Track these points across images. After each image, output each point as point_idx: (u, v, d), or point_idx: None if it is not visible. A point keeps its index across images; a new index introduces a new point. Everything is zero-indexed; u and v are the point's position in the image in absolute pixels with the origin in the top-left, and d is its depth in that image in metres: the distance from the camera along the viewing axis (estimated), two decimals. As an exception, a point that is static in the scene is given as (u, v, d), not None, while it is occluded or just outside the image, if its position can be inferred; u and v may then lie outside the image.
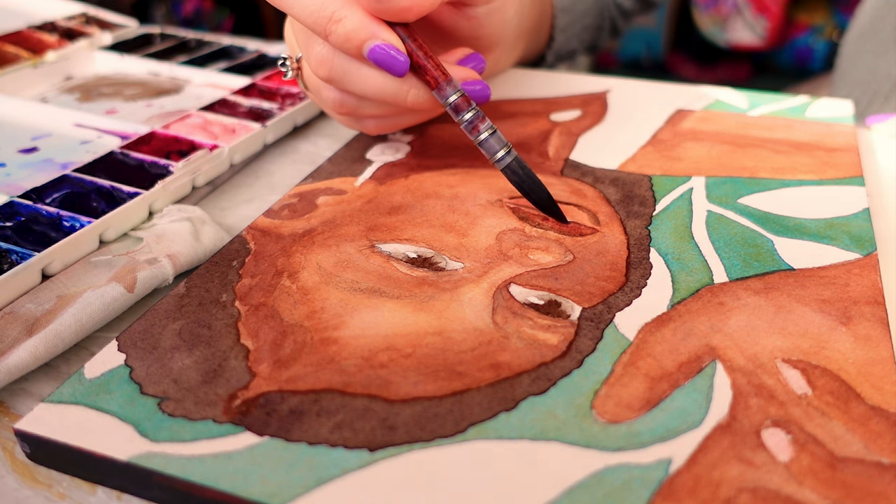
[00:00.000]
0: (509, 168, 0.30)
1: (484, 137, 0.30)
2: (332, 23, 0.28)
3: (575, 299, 0.25)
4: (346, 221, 0.30)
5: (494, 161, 0.30)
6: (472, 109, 0.30)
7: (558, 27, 0.50)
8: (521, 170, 0.30)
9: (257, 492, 0.19)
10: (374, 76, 0.30)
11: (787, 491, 0.18)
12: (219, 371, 0.22)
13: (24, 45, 0.48)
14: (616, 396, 0.21)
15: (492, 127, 0.30)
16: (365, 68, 0.30)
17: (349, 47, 0.29)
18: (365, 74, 0.30)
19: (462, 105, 0.30)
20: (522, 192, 0.30)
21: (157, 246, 0.29)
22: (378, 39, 0.29)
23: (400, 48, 0.29)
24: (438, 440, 0.20)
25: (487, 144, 0.30)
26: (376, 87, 0.31)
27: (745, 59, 1.64)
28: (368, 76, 0.30)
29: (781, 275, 0.26)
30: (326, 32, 0.29)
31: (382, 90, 0.31)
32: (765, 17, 1.51)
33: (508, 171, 0.30)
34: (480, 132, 0.30)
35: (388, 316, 0.25)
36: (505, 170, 0.30)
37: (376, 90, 0.31)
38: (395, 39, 0.29)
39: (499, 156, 0.30)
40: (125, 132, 0.38)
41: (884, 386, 0.21)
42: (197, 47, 0.51)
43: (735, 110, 0.40)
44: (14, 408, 0.24)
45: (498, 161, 0.30)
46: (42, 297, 0.27)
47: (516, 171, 0.30)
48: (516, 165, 0.30)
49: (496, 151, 0.30)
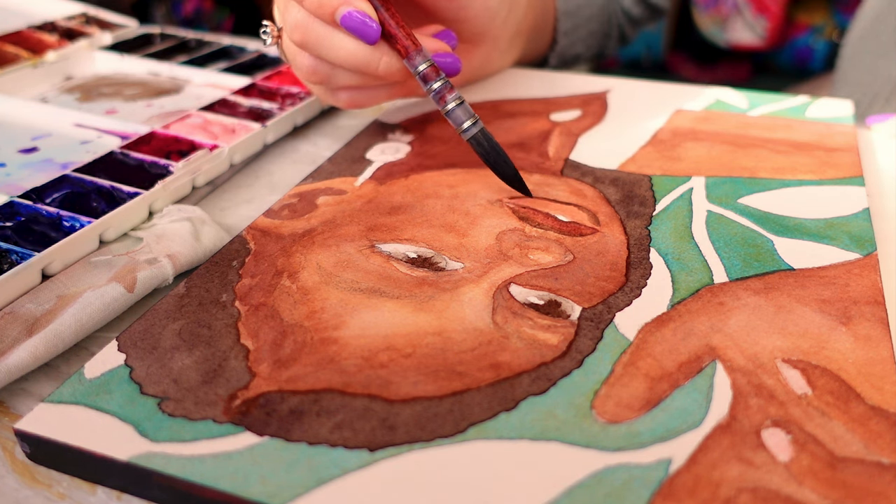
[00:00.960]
0: (475, 139, 0.31)
1: (451, 107, 0.31)
2: None
3: (575, 299, 0.25)
4: (346, 221, 0.30)
5: (461, 131, 0.31)
6: (441, 79, 0.31)
7: (561, 31, 0.50)
8: (487, 142, 0.31)
9: (257, 492, 0.19)
10: (346, 42, 0.31)
11: (787, 491, 0.18)
12: (219, 371, 0.22)
13: (24, 45, 0.48)
14: (616, 396, 0.21)
15: (459, 98, 0.31)
16: (338, 35, 0.31)
17: (322, 13, 0.30)
18: (338, 41, 0.31)
19: (430, 75, 0.31)
20: (488, 164, 0.31)
21: (157, 246, 0.29)
22: (350, 6, 0.30)
23: (372, 15, 0.30)
24: (438, 440, 0.20)
25: (454, 115, 0.31)
26: (348, 53, 0.31)
27: (745, 59, 1.64)
28: (341, 42, 0.31)
29: (781, 275, 0.26)
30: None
31: (354, 57, 0.31)
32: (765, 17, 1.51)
33: (474, 142, 0.31)
34: (447, 102, 0.31)
35: (388, 316, 0.25)
36: (471, 140, 0.31)
37: (348, 57, 0.31)
38: (367, 7, 0.30)
39: (465, 126, 0.31)
40: (125, 132, 0.38)
41: (884, 386, 0.21)
42: (197, 47, 0.51)
43: (735, 110, 0.40)
44: (14, 408, 0.24)
45: (464, 132, 0.31)
46: (42, 298, 0.27)
47: (482, 142, 0.31)
48: (482, 137, 0.31)
49: (462, 122, 0.31)
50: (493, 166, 0.31)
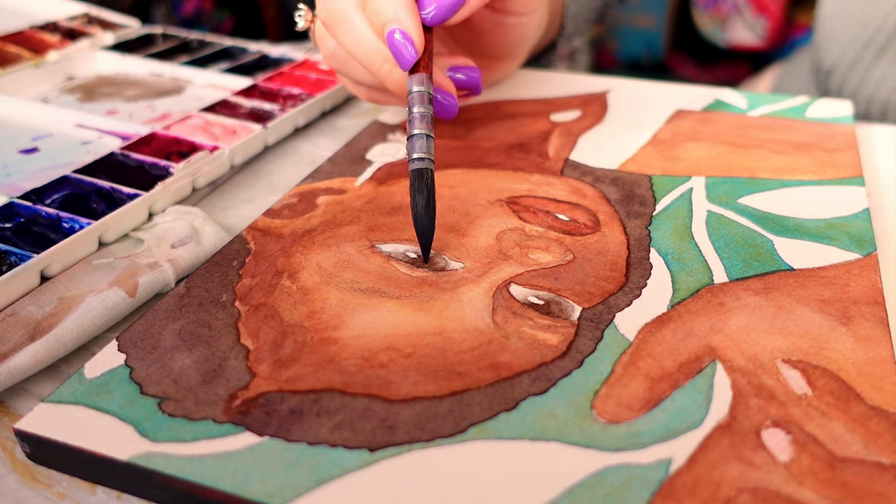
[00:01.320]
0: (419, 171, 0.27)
1: (417, 133, 0.28)
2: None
3: (575, 299, 0.25)
4: (346, 221, 0.30)
5: (410, 159, 0.28)
6: (426, 108, 0.28)
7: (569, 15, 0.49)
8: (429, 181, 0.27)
9: (257, 492, 0.19)
10: (365, 35, 0.31)
11: (787, 491, 0.18)
12: (219, 371, 0.23)
13: (25, 45, 0.48)
14: (616, 397, 0.21)
15: (431, 132, 0.28)
16: (359, 24, 0.31)
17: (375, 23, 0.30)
18: (358, 31, 0.31)
19: (420, 100, 0.29)
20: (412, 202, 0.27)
21: (158, 249, 0.29)
22: (399, 25, 0.29)
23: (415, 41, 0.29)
24: (438, 440, 0.20)
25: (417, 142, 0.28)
26: (361, 45, 0.31)
27: (745, 59, 1.64)
28: (361, 33, 0.31)
29: (781, 275, 0.26)
30: None
31: (366, 52, 0.31)
32: (765, 17, 1.51)
33: (416, 174, 0.27)
34: (416, 128, 0.28)
35: (388, 316, 0.25)
36: (414, 171, 0.27)
37: (361, 50, 0.31)
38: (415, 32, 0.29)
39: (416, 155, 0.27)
40: (126, 133, 0.38)
41: (884, 386, 0.21)
42: (199, 48, 0.51)
43: (735, 110, 0.40)
44: (14, 408, 0.24)
45: (412, 160, 0.27)
46: (43, 300, 0.27)
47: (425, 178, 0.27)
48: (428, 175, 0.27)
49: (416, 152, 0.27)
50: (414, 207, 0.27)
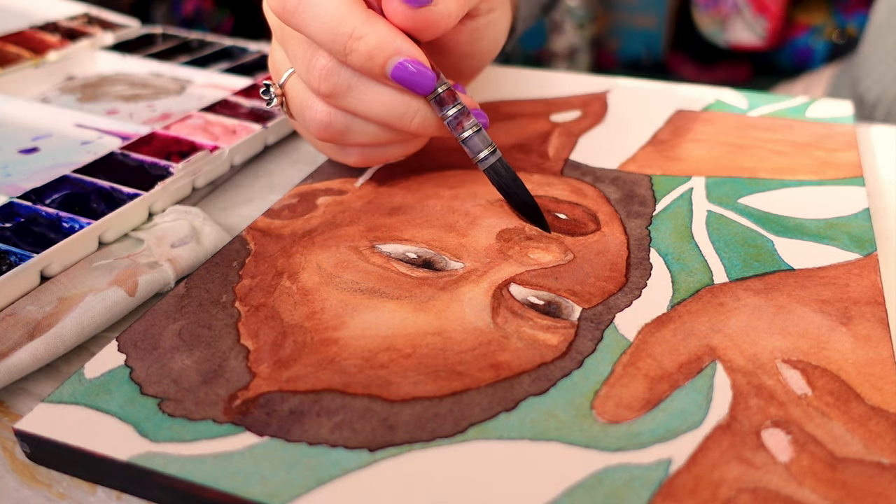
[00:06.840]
0: (492, 168, 0.29)
1: (468, 135, 0.29)
2: (352, 40, 0.26)
3: (575, 300, 0.25)
4: (346, 222, 0.30)
5: (477, 160, 0.29)
6: (458, 105, 0.28)
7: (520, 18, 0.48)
8: (506, 171, 0.29)
9: (257, 492, 0.19)
10: (383, 94, 0.28)
11: (787, 491, 0.18)
12: (219, 371, 0.23)
13: (25, 44, 0.48)
14: (616, 397, 0.21)
15: (477, 125, 0.29)
16: (374, 84, 0.28)
17: (371, 66, 0.27)
18: (374, 92, 0.28)
19: (447, 99, 0.28)
20: (504, 195, 0.30)
21: (158, 249, 0.29)
22: (404, 55, 0.27)
23: (426, 62, 0.27)
24: (438, 440, 0.20)
25: (471, 142, 0.29)
26: (383, 105, 0.28)
27: (745, 59, 1.64)
28: (377, 93, 0.28)
29: (781, 275, 0.26)
30: (346, 52, 0.26)
31: (389, 110, 0.28)
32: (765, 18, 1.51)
33: (491, 172, 0.29)
34: (465, 129, 0.29)
35: (388, 316, 0.25)
36: (488, 170, 0.29)
37: (383, 110, 0.28)
38: (419, 54, 0.27)
39: (482, 155, 0.29)
40: (126, 133, 0.38)
41: (884, 386, 0.21)
42: (199, 48, 0.51)
43: (735, 110, 0.40)
44: (14, 408, 0.24)
45: (480, 161, 0.29)
46: (43, 299, 0.27)
47: (500, 172, 0.29)
48: (500, 166, 0.29)
49: (480, 150, 0.29)
50: (509, 198, 0.30)
